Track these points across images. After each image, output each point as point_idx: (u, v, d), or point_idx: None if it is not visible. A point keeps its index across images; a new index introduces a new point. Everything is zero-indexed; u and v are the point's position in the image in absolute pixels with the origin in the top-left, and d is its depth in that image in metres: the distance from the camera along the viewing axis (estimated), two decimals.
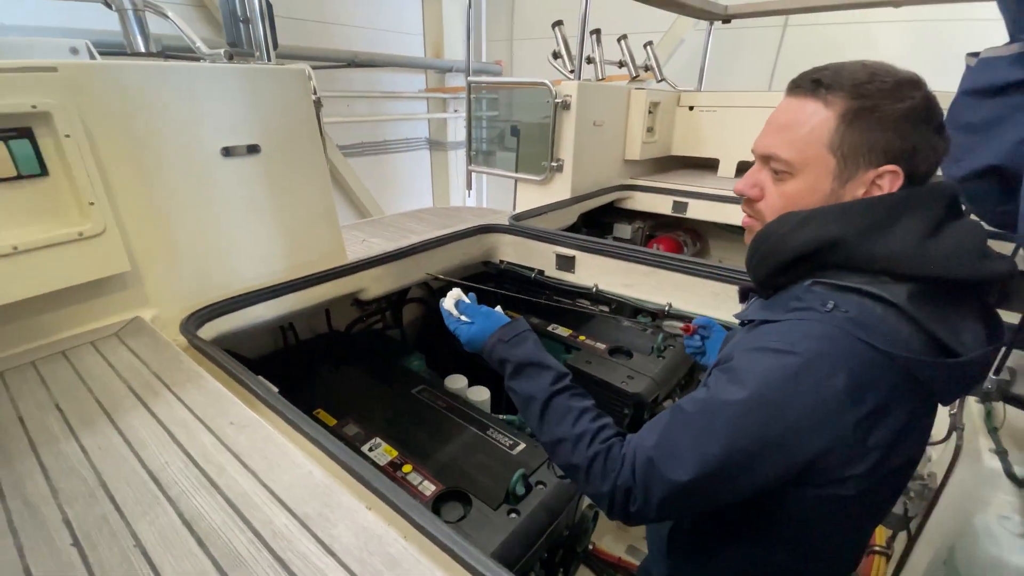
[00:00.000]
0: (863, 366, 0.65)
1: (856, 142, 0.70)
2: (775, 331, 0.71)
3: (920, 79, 0.71)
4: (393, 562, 0.63)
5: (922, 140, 0.70)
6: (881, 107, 0.68)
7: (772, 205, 0.78)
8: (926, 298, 0.69)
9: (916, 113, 0.68)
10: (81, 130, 1.09)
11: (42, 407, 0.93)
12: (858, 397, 0.64)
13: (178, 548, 0.65)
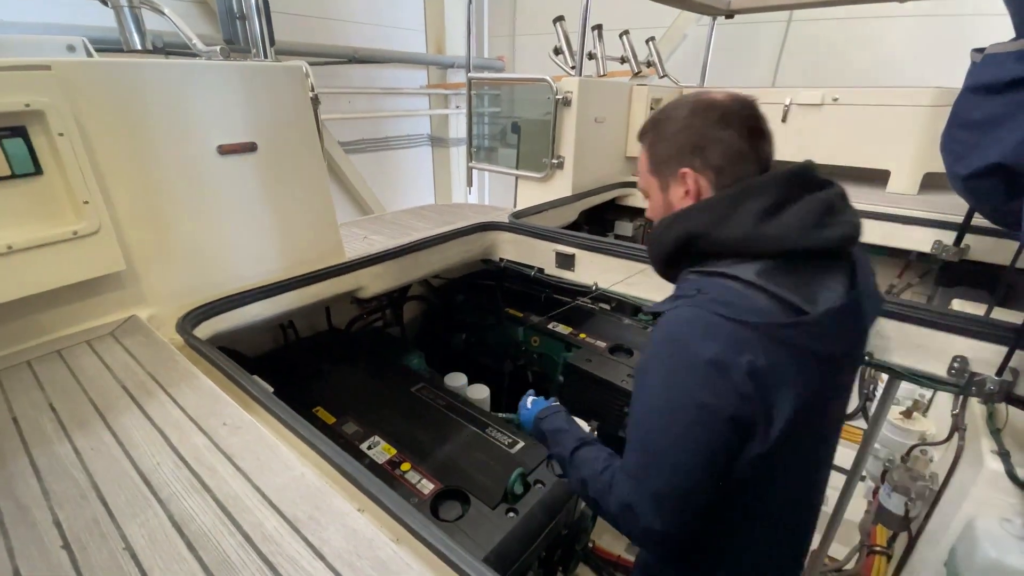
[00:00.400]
0: (728, 335, 0.78)
1: (657, 160, 0.96)
2: (659, 324, 0.87)
3: (690, 97, 0.93)
4: (383, 566, 0.62)
5: (699, 138, 0.89)
6: (661, 131, 0.95)
7: (653, 212, 1.02)
8: (780, 270, 0.82)
9: (685, 126, 0.90)
10: (75, 128, 1.09)
11: (36, 407, 0.93)
12: (732, 360, 0.76)
13: (167, 551, 0.65)
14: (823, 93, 3.02)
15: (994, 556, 1.20)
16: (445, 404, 1.79)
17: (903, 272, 3.11)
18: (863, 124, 2.93)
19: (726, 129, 0.87)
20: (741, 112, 0.88)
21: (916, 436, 1.90)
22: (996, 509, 1.25)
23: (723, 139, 0.88)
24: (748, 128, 0.88)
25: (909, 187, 2.87)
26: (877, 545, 1.91)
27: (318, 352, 2.10)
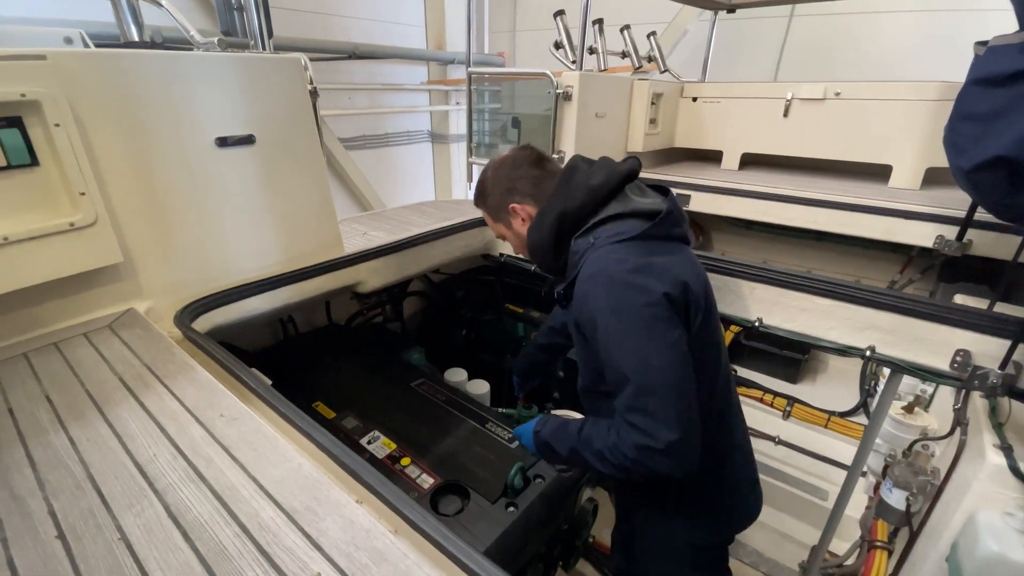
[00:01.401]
0: (631, 249, 1.05)
1: (493, 210, 1.31)
2: (582, 281, 1.07)
3: (490, 164, 1.31)
4: (380, 556, 0.62)
5: (504, 185, 1.25)
6: (485, 192, 1.31)
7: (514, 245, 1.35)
8: (621, 203, 1.12)
9: (491, 182, 1.28)
10: (71, 119, 1.08)
11: (32, 399, 0.93)
12: (644, 263, 1.03)
13: (163, 541, 0.64)
14: (825, 88, 3.00)
15: (996, 550, 1.20)
16: (445, 399, 1.79)
17: (905, 268, 3.10)
18: (865, 119, 2.92)
19: (519, 169, 1.22)
20: (521, 154, 1.25)
21: (917, 431, 1.89)
22: (998, 503, 1.25)
23: (522, 175, 1.21)
24: (531, 161, 1.23)
25: (911, 182, 2.86)
26: (878, 540, 1.90)
27: (318, 347, 2.09)
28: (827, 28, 4.97)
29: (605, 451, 1.05)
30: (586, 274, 1.06)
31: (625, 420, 1.00)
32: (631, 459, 1.00)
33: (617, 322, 1.01)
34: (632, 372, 0.99)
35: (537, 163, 1.23)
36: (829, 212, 2.64)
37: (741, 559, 2.57)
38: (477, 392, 2.08)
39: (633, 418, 0.99)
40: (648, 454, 0.98)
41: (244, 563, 0.61)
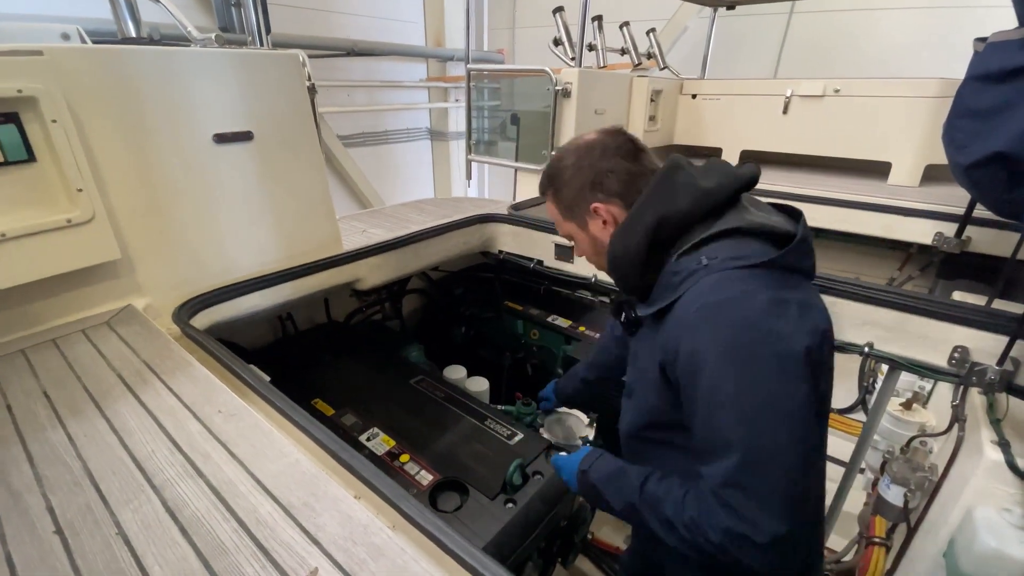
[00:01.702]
0: (760, 280, 0.81)
1: (566, 207, 1.05)
2: (691, 304, 0.83)
3: (574, 142, 1.04)
4: (378, 552, 0.62)
5: (589, 177, 0.99)
6: (558, 182, 1.04)
7: (586, 253, 1.11)
8: (737, 216, 0.89)
9: (572, 171, 1.01)
10: (68, 115, 1.07)
11: (30, 395, 0.93)
12: (780, 300, 0.79)
13: (161, 537, 0.64)
14: (824, 84, 3.00)
15: (994, 546, 1.20)
16: (444, 396, 1.79)
17: (904, 265, 3.10)
18: (864, 116, 2.91)
19: (608, 159, 0.99)
20: (612, 141, 1.00)
21: (916, 427, 1.90)
22: (996, 499, 1.25)
23: (612, 169, 0.98)
24: (625, 151, 0.99)
25: (910, 179, 2.86)
26: (876, 536, 1.90)
27: (317, 345, 2.09)
28: (827, 25, 4.97)
29: (678, 524, 0.83)
30: (695, 303, 0.82)
31: (717, 495, 0.77)
32: (715, 543, 0.78)
33: (733, 371, 0.76)
34: (740, 438, 0.75)
35: (633, 156, 0.98)
36: (828, 209, 2.64)
37: None
38: (476, 389, 2.08)
39: (731, 496, 0.76)
40: (741, 544, 0.75)
41: (242, 558, 0.61)
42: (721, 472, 0.77)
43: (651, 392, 0.97)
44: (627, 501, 0.94)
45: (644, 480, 0.93)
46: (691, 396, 0.83)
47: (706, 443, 0.81)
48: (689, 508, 0.82)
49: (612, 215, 1.00)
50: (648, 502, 0.90)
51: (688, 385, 0.83)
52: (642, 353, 1.02)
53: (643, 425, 1.05)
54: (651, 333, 0.95)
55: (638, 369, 1.05)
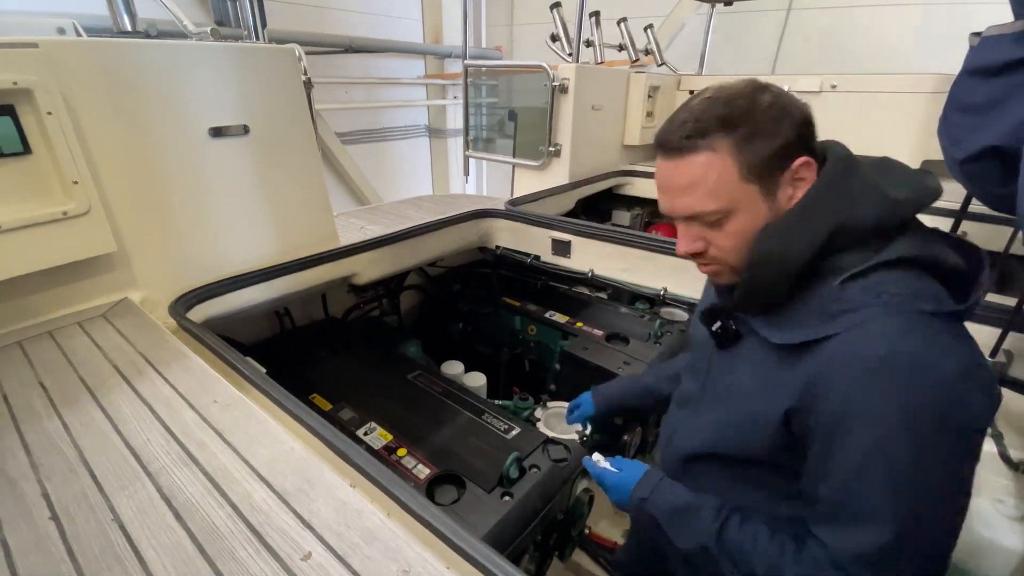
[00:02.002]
0: (950, 331, 0.65)
1: (758, 162, 0.72)
2: (861, 348, 0.66)
3: (758, 81, 0.75)
4: (371, 536, 0.62)
5: (798, 122, 0.73)
6: (756, 123, 0.71)
7: (726, 246, 0.78)
8: (921, 240, 0.71)
9: (781, 109, 0.72)
10: (64, 108, 1.08)
11: (26, 385, 0.93)
12: (975, 365, 0.64)
13: (155, 521, 0.65)
14: (821, 80, 3.01)
15: (986, 536, 1.21)
16: (441, 391, 1.79)
17: None
18: (861, 111, 2.92)
19: (806, 112, 0.75)
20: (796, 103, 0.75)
21: None
22: (989, 490, 1.26)
23: (808, 119, 0.75)
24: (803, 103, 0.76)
25: None
26: None
27: (314, 340, 2.10)
28: (826, 20, 4.97)
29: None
30: (868, 349, 0.66)
31: (844, 569, 0.68)
32: None
33: (912, 439, 0.64)
34: (896, 514, 0.64)
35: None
36: None
37: None
38: (474, 384, 2.08)
39: (861, 571, 0.67)
40: None
41: (235, 542, 0.61)
42: (858, 546, 0.67)
43: (752, 429, 0.80)
44: (698, 543, 0.83)
45: (721, 523, 0.81)
46: (825, 450, 0.70)
47: (838, 507, 0.69)
48: (792, 570, 0.73)
49: (811, 184, 0.74)
50: (728, 551, 0.79)
51: (825, 438, 0.70)
52: (741, 378, 0.84)
53: (723, 456, 0.87)
54: (767, 362, 0.78)
55: (728, 393, 0.87)
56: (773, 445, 0.77)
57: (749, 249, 0.76)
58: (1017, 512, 1.21)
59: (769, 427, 0.76)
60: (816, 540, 0.72)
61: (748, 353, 0.83)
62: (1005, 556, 1.19)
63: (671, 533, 0.86)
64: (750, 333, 0.82)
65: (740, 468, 0.85)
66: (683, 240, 0.82)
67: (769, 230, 0.74)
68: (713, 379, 0.92)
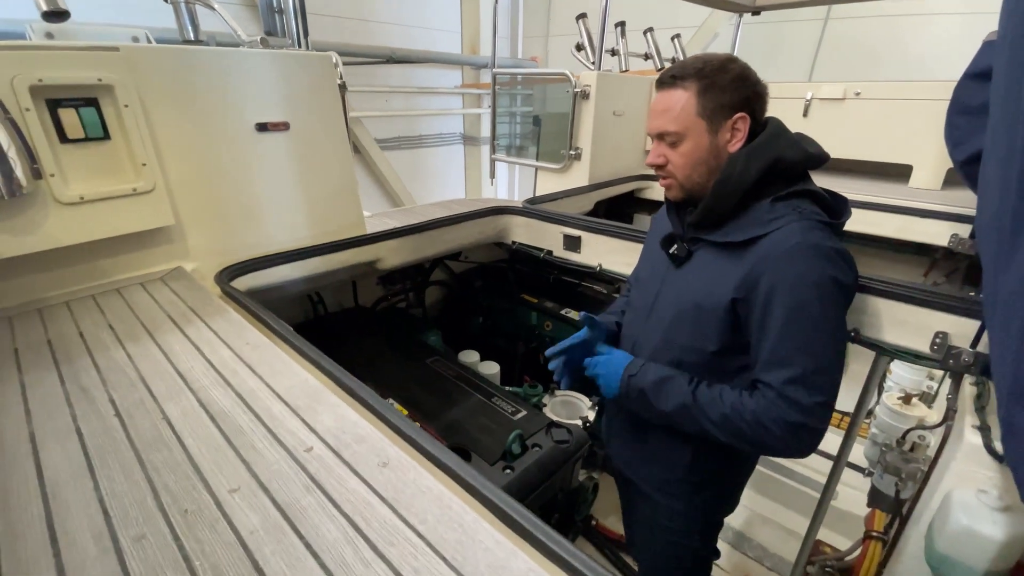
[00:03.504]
0: (831, 233, 1.02)
1: (712, 105, 1.04)
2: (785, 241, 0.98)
3: (734, 57, 1.07)
4: (361, 439, 0.76)
5: (750, 91, 1.05)
6: (717, 80, 1.03)
7: (676, 163, 1.10)
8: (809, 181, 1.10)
9: (739, 77, 1.04)
10: (138, 102, 1.29)
11: (98, 326, 1.13)
12: (847, 252, 1.02)
13: (196, 422, 0.81)
14: (845, 88, 3.02)
15: (965, 523, 1.24)
16: (456, 375, 1.91)
17: (929, 271, 3.06)
18: (886, 118, 2.92)
19: (761, 88, 1.07)
20: (762, 82, 1.09)
21: (914, 422, 1.92)
22: (974, 482, 1.28)
23: (761, 95, 1.07)
24: (764, 86, 1.09)
25: (932, 182, 2.84)
26: (874, 531, 1.92)
27: (344, 325, 2.27)
28: (864, 31, 4.91)
29: (737, 419, 1.02)
30: (788, 241, 0.98)
31: (782, 394, 0.98)
32: (774, 433, 0.99)
33: (817, 297, 0.96)
34: (810, 349, 0.97)
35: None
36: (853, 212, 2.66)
37: (746, 552, 2.59)
38: (488, 372, 2.21)
39: (795, 392, 0.97)
40: (799, 433, 0.98)
41: (255, 438, 0.77)
42: (789, 376, 0.97)
43: (707, 321, 1.09)
44: (679, 403, 1.09)
45: (695, 385, 1.09)
46: (762, 318, 1.00)
47: (773, 356, 0.99)
48: (750, 405, 1.01)
49: (743, 135, 1.06)
50: (701, 403, 1.06)
51: (762, 309, 1.00)
52: (691, 284, 1.12)
53: (684, 347, 1.15)
54: (714, 265, 1.08)
55: (678, 296, 1.15)
56: (719, 327, 1.07)
57: (696, 171, 1.09)
58: (1000, 503, 1.23)
59: (718, 311, 1.06)
60: (761, 383, 1.02)
61: (696, 264, 1.13)
62: (985, 543, 1.21)
63: (655, 399, 1.12)
64: (699, 249, 1.13)
65: (693, 355, 1.13)
66: (652, 154, 1.14)
67: (733, 157, 1.05)
68: (666, 291, 1.20)
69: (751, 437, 1.02)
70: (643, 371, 1.15)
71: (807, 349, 0.97)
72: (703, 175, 1.08)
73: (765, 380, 1.01)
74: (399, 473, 0.69)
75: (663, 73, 1.09)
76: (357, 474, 0.69)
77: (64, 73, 1.17)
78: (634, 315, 1.32)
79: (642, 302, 1.28)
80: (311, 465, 0.71)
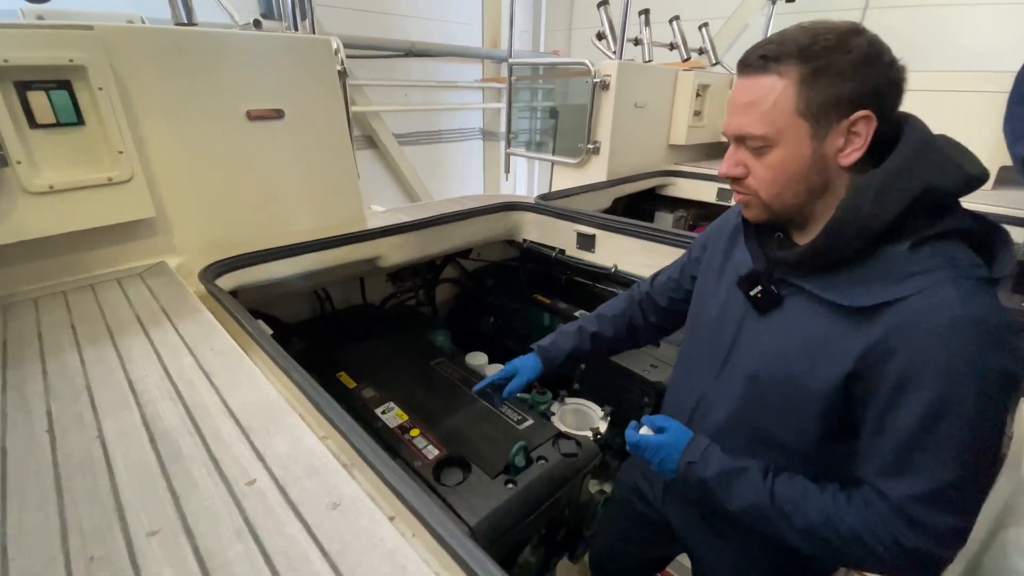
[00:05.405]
0: (997, 296, 0.71)
1: (821, 100, 0.71)
2: (942, 312, 0.69)
3: (860, 26, 0.72)
4: (313, 471, 0.66)
5: (881, 78, 0.71)
6: (833, 62, 0.70)
7: (761, 177, 0.79)
8: (967, 214, 0.74)
9: (866, 58, 0.70)
10: (114, 85, 1.20)
11: (60, 326, 1.05)
12: (1017, 327, 0.71)
13: (133, 442, 0.71)
14: None
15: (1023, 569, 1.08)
16: (461, 379, 1.81)
17: None
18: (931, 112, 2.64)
19: (898, 76, 0.72)
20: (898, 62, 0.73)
21: None
22: None
23: (896, 82, 0.72)
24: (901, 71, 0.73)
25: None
26: None
27: (349, 323, 2.19)
28: (905, 21, 4.63)
29: (827, 531, 0.78)
30: (940, 313, 0.69)
31: (900, 510, 0.73)
32: (878, 554, 0.75)
33: (972, 393, 0.68)
34: (953, 459, 0.70)
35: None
36: None
37: None
38: None
39: (922, 513, 0.72)
40: (917, 562, 0.74)
41: (194, 465, 0.67)
42: (917, 490, 0.71)
43: (805, 402, 0.81)
44: (751, 503, 0.85)
45: (773, 481, 0.84)
46: (888, 409, 0.73)
47: (897, 461, 0.74)
48: (847, 518, 0.77)
49: (865, 143, 0.73)
50: (780, 506, 0.82)
51: (889, 397, 0.73)
52: (787, 346, 0.83)
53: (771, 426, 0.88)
54: (817, 325, 0.79)
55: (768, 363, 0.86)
56: (821, 411, 0.79)
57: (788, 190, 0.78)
58: None
59: (824, 392, 0.78)
60: (868, 488, 0.76)
61: (791, 316, 0.83)
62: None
63: (721, 495, 0.88)
64: (794, 296, 0.83)
65: (781, 436, 0.87)
66: (726, 162, 0.83)
67: (861, 186, 0.73)
68: (745, 340, 0.91)
69: (847, 555, 0.79)
70: (705, 458, 0.90)
71: (949, 461, 0.70)
72: (799, 195, 0.78)
73: (880, 488, 0.75)
74: (351, 519, 0.58)
75: (750, 51, 0.76)
76: (300, 517, 0.58)
77: (33, 53, 1.09)
78: (699, 362, 1.02)
79: (710, 349, 0.98)
80: (249, 502, 0.60)
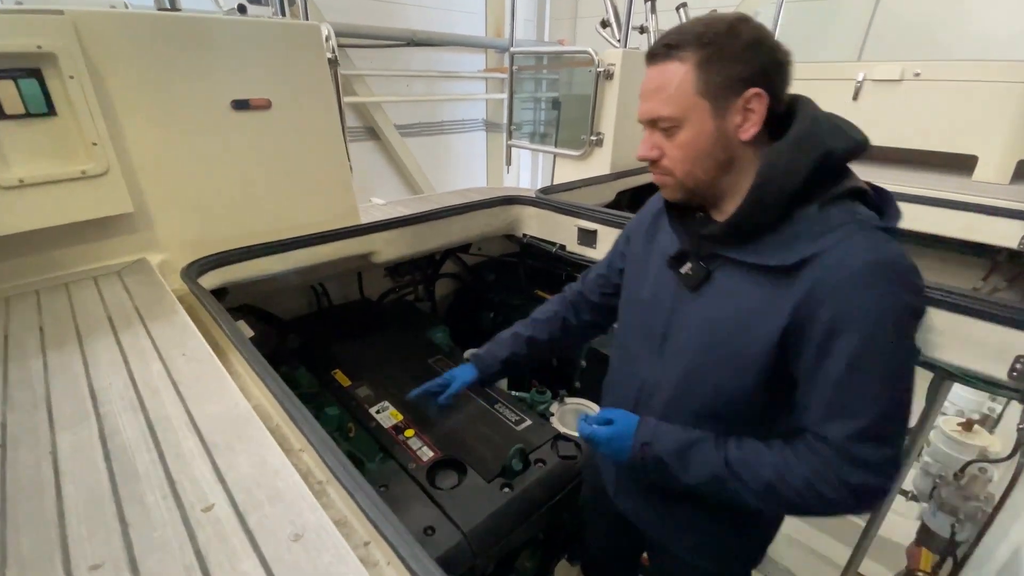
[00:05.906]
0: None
1: (718, 81, 0.78)
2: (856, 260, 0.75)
3: (746, 15, 0.80)
4: (277, 495, 0.60)
5: (767, 59, 0.78)
6: (725, 47, 0.77)
7: (674, 156, 0.84)
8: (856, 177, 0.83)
9: (753, 41, 0.77)
10: (86, 73, 1.14)
11: (27, 328, 1.00)
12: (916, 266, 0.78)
13: (86, 460, 0.66)
14: (903, 68, 2.71)
15: None
16: None
17: (989, 274, 2.75)
18: (948, 103, 2.60)
19: (783, 57, 0.80)
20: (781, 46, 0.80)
21: (975, 452, 1.66)
22: None
23: (782, 63, 0.80)
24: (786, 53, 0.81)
25: (999, 175, 2.53)
26: (919, 571, 1.69)
27: (347, 319, 2.15)
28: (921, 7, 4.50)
29: (784, 487, 0.81)
30: (855, 260, 0.74)
31: (843, 451, 0.77)
32: (830, 499, 0.79)
33: (889, 331, 0.75)
34: (881, 396, 0.76)
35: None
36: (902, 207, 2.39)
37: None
38: None
39: (861, 450, 0.76)
40: (862, 495, 0.78)
41: (148, 486, 0.62)
42: (853, 429, 0.76)
43: (746, 364, 0.85)
44: (710, 473, 0.87)
45: (724, 448, 0.87)
46: (819, 359, 0.78)
47: (833, 405, 0.78)
48: (799, 470, 0.80)
49: (760, 119, 0.79)
50: (736, 471, 0.85)
51: (819, 348, 0.77)
52: (722, 315, 0.87)
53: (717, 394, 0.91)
54: (749, 290, 0.83)
55: (706, 334, 0.89)
56: (761, 371, 0.84)
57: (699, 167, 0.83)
58: None
59: (762, 351, 0.82)
60: (810, 435, 0.81)
61: (721, 288, 0.88)
62: None
63: (678, 470, 0.90)
64: (722, 268, 0.88)
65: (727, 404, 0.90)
66: (642, 146, 0.88)
67: (775, 151, 0.79)
68: (680, 320, 0.94)
69: (800, 506, 0.82)
70: (658, 436, 0.92)
71: (877, 395, 0.76)
72: (709, 171, 0.83)
73: (820, 433, 0.79)
74: (312, 553, 0.53)
75: (655, 42, 0.83)
76: (257, 549, 0.53)
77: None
78: (636, 348, 1.04)
79: (646, 332, 1.00)
80: (203, 532, 0.55)
